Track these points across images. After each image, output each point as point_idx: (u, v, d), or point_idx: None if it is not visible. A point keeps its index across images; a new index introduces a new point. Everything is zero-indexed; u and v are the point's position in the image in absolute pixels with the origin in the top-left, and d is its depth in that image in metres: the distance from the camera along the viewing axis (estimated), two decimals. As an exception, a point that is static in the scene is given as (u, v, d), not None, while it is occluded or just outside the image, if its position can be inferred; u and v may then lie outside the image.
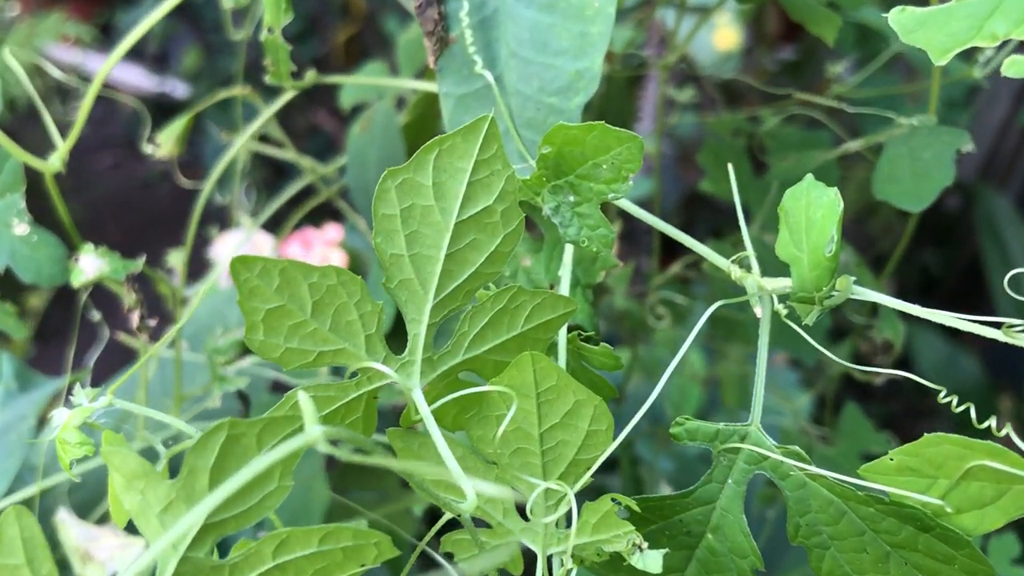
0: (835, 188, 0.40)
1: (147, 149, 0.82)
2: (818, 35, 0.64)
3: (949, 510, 0.41)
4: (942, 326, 0.40)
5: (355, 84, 0.92)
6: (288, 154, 0.90)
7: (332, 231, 1.17)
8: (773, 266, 0.47)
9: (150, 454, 0.50)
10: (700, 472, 0.46)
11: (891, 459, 0.41)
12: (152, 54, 3.04)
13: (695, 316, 1.05)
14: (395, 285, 0.41)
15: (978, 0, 0.40)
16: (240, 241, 0.97)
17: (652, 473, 1.09)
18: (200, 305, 0.95)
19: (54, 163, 0.63)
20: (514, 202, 0.42)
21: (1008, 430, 0.41)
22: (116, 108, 3.18)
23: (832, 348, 1.03)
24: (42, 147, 0.61)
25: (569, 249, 0.54)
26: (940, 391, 0.44)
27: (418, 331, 0.42)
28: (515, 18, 0.54)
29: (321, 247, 1.20)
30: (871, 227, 1.94)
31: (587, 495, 0.46)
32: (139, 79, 3.15)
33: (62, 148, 0.64)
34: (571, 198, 0.46)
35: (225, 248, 1.00)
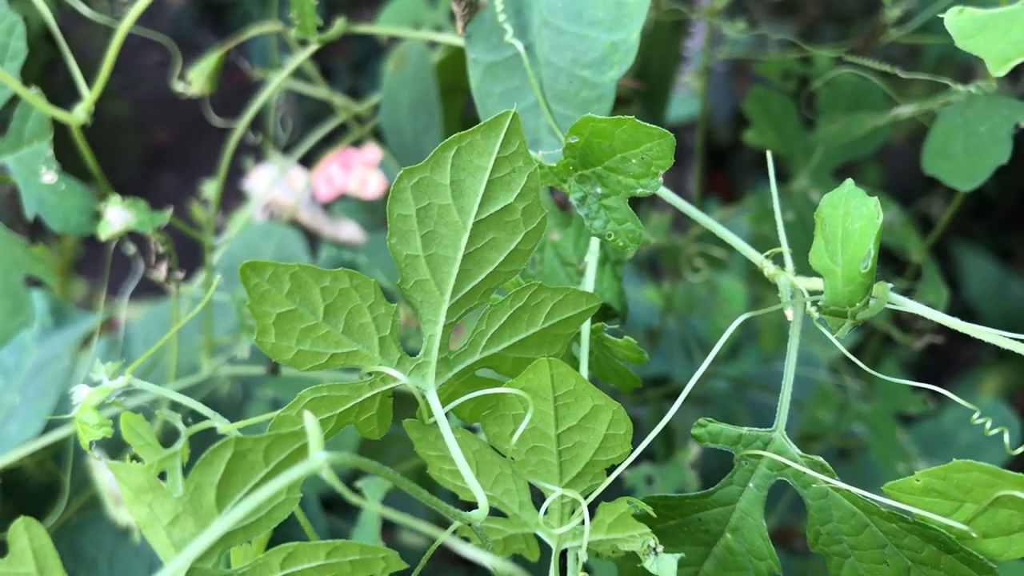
0: (875, 198, 0.38)
1: (178, 87, 0.81)
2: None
3: (974, 535, 0.39)
4: (993, 249, 0.38)
5: (389, 19, 0.89)
6: (320, 92, 0.88)
7: (371, 152, 1.15)
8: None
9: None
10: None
11: (917, 480, 0.40)
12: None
13: (734, 264, 1.03)
14: (410, 286, 0.40)
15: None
16: (274, 176, 0.96)
17: (682, 420, 1.08)
18: (235, 239, 0.95)
19: (79, 115, 0.62)
20: (536, 199, 0.40)
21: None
22: (163, 4, 3.14)
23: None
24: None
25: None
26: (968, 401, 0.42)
27: (433, 332, 0.41)
28: (548, -16, 0.51)
29: (361, 168, 1.18)
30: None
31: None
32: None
33: (88, 99, 0.63)
34: (598, 190, 0.44)
35: (260, 181, 0.99)
